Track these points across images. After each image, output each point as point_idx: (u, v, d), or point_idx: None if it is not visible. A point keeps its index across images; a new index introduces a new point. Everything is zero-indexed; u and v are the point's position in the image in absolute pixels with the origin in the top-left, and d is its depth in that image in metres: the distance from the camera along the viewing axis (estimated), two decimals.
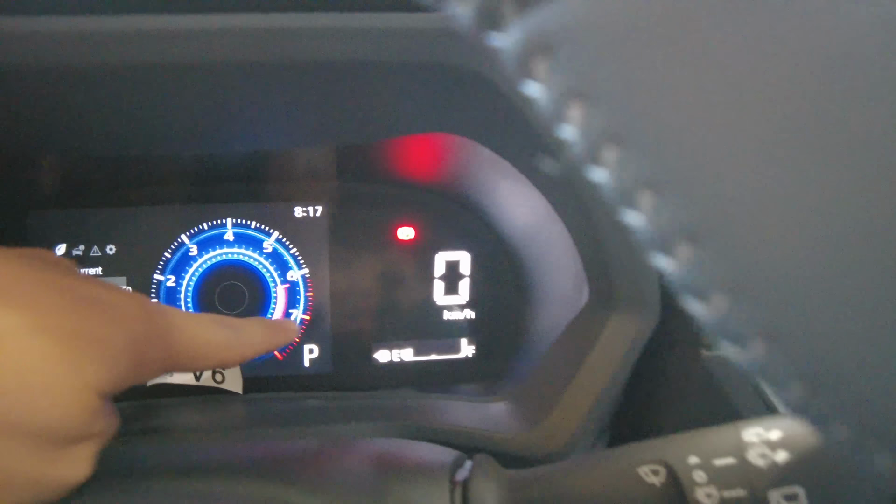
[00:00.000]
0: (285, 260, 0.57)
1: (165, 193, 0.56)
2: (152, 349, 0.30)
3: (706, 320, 0.14)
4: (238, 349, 0.36)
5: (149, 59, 0.34)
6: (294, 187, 0.57)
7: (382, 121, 0.40)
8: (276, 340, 0.41)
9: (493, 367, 0.59)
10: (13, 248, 0.30)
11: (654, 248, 0.14)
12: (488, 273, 0.59)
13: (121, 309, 0.29)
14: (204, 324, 0.34)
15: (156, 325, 0.30)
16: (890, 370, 0.13)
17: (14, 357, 0.24)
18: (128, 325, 0.28)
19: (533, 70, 0.14)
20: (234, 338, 0.36)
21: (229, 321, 0.37)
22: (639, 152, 0.13)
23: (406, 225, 0.58)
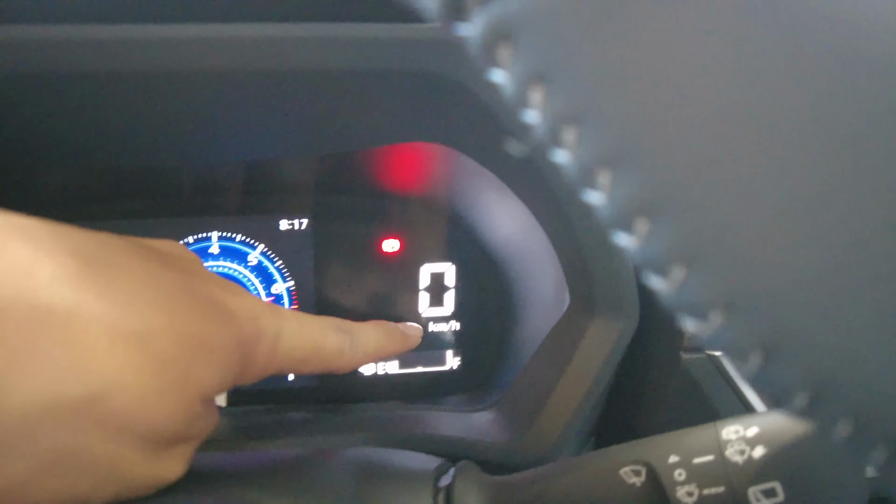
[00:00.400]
0: (270, 273, 0.57)
1: (150, 206, 0.56)
2: (260, 354, 0.30)
3: (666, 294, 0.15)
4: (350, 356, 0.35)
5: (131, 68, 0.34)
6: (279, 200, 0.57)
7: (365, 129, 0.40)
8: (393, 347, 0.40)
9: (479, 377, 0.59)
10: (147, 240, 0.31)
11: (615, 226, 0.15)
12: (473, 284, 0.59)
13: (237, 312, 0.29)
14: (318, 329, 0.33)
15: (267, 330, 0.30)
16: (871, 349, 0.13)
17: (139, 358, 0.24)
18: (241, 329, 0.28)
19: (497, 57, 0.15)
20: (348, 344, 0.35)
21: (347, 325, 0.36)
22: (595, 130, 0.14)
23: (391, 237, 0.58)
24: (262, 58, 0.34)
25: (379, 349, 0.38)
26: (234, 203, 0.57)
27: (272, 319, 0.30)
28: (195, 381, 0.26)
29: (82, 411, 0.22)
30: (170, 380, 0.25)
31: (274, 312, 0.31)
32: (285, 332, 0.31)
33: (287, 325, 0.31)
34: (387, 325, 0.41)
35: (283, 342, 0.31)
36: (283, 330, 0.31)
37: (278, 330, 0.31)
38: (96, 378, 0.22)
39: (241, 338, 0.28)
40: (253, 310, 0.30)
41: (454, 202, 0.57)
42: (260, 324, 0.30)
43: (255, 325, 0.29)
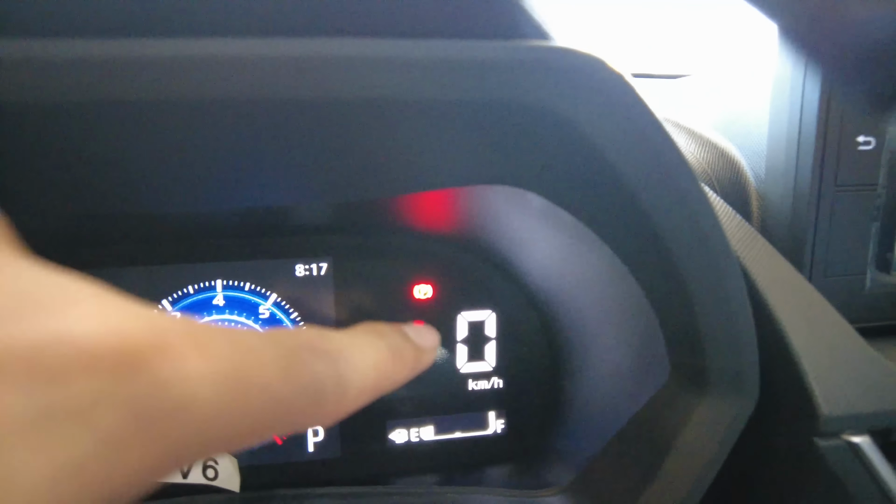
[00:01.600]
0: (285, 326, 0.49)
1: (141, 252, 0.48)
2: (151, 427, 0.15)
3: None
4: (336, 401, 0.21)
5: (116, 95, 0.26)
6: (294, 242, 0.49)
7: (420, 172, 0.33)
8: (402, 370, 0.25)
9: (526, 445, 0.51)
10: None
11: None
12: (517, 335, 0.51)
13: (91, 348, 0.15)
14: (274, 358, 0.19)
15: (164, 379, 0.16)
16: None
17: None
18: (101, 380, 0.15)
19: None
20: (333, 379, 0.20)
21: (326, 340, 0.21)
22: None
23: (423, 282, 0.51)
24: (302, 82, 0.26)
25: (380, 379, 0.23)
26: (241, 246, 0.49)
27: (172, 353, 0.15)
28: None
29: None
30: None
31: (182, 333, 0.16)
32: (200, 374, 0.16)
33: (204, 363, 0.16)
34: (387, 333, 0.26)
35: (200, 400, 0.16)
36: (196, 371, 0.16)
37: (184, 372, 0.15)
38: None
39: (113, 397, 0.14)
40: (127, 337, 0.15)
41: (497, 242, 0.50)
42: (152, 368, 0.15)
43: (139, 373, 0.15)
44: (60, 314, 0.14)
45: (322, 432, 0.49)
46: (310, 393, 0.19)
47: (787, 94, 0.41)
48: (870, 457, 0.31)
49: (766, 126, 0.44)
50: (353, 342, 0.22)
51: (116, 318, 0.15)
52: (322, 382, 0.20)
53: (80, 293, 0.15)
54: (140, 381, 0.14)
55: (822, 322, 0.35)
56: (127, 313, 0.15)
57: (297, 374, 0.19)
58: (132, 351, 0.15)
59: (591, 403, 0.46)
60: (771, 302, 0.35)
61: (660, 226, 0.30)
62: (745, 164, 0.48)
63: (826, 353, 0.33)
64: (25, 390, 0.13)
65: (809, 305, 0.35)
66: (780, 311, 0.34)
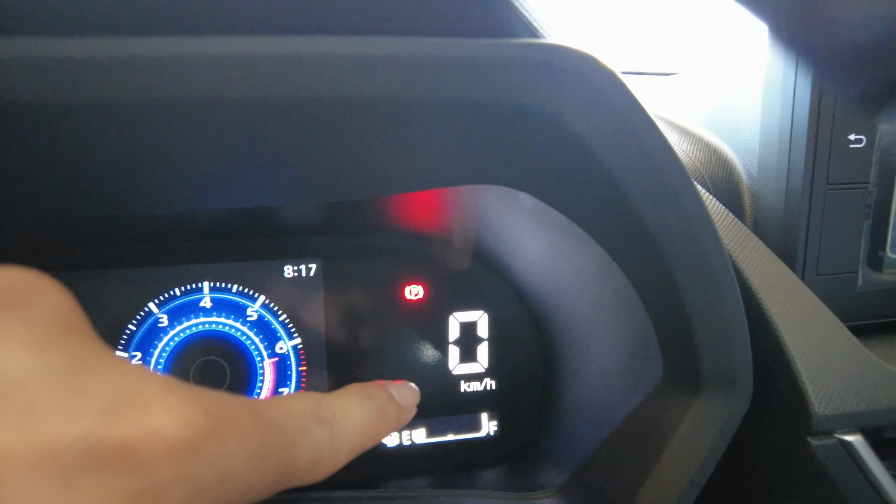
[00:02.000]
0: (273, 329, 0.48)
1: (127, 254, 0.47)
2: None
3: None
4: (329, 461, 0.24)
5: (105, 95, 0.26)
6: (283, 243, 0.49)
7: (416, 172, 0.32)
8: (384, 429, 0.28)
9: (519, 446, 0.50)
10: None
11: None
12: (509, 336, 0.51)
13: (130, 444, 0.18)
14: (288, 431, 0.22)
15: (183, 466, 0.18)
16: None
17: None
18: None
19: None
20: (328, 445, 0.23)
21: (326, 409, 0.24)
22: None
23: (414, 283, 0.50)
24: (295, 81, 0.25)
25: (366, 438, 0.26)
26: (228, 248, 0.48)
27: (197, 444, 0.18)
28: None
29: None
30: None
31: (207, 415, 0.19)
32: (228, 454, 0.19)
33: (239, 444, 0.19)
34: (374, 395, 0.29)
35: (226, 475, 0.19)
36: (224, 451, 0.19)
37: (216, 456, 0.18)
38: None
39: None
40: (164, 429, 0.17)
41: (487, 242, 0.49)
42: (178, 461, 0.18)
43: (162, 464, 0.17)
44: (144, 411, 0.17)
45: None
46: (311, 457, 0.23)
47: (779, 91, 0.41)
48: (862, 455, 0.31)
49: (759, 124, 0.44)
50: (345, 406, 0.26)
51: (182, 410, 0.18)
52: (320, 447, 0.23)
53: (154, 388, 0.18)
54: (200, 461, 0.18)
55: (814, 321, 0.35)
56: (188, 403, 0.18)
57: (304, 444, 0.23)
58: (196, 438, 0.18)
59: (583, 404, 0.46)
60: (764, 301, 0.34)
61: (651, 224, 0.29)
62: (737, 162, 0.47)
63: (819, 353, 0.33)
64: (123, 477, 0.16)
65: (802, 305, 0.35)
66: (773, 311, 0.34)
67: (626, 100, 0.27)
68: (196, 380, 0.47)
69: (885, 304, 0.41)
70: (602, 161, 0.28)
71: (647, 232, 0.30)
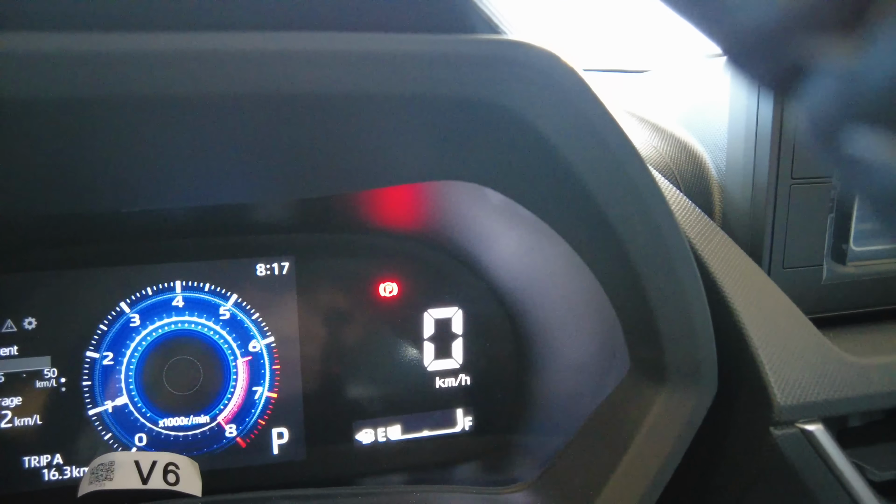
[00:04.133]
0: (246, 328, 0.48)
1: (98, 253, 0.47)
2: None
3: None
4: None
5: (76, 91, 0.26)
6: (255, 240, 0.48)
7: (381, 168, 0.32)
8: None
9: (494, 441, 0.51)
10: None
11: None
12: (484, 332, 0.51)
13: None
14: None
15: None
16: None
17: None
18: None
19: None
20: None
21: None
22: None
23: (388, 280, 0.50)
24: (262, 77, 0.25)
25: None
26: (200, 246, 0.48)
27: None
28: None
29: None
30: None
31: None
32: None
33: None
34: None
35: None
36: None
37: None
38: None
39: None
40: None
41: (461, 238, 0.49)
42: None
43: None
44: None
45: (287, 434, 0.48)
46: None
47: (745, 88, 0.41)
48: (823, 444, 0.32)
49: (727, 120, 0.45)
50: None
51: None
52: None
53: None
54: None
55: (778, 314, 0.35)
56: None
57: None
58: None
59: (555, 398, 0.46)
60: (728, 295, 0.35)
61: (613, 219, 0.30)
62: (707, 158, 0.48)
63: (782, 345, 0.34)
64: None
65: (766, 298, 0.36)
66: (737, 304, 0.35)
67: (586, 95, 0.27)
68: (169, 380, 0.47)
69: (848, 297, 0.42)
70: (563, 156, 0.28)
71: (608, 226, 0.30)
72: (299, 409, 0.48)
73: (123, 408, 0.46)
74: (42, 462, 0.45)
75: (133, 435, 0.46)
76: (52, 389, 0.46)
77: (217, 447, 0.47)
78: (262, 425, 0.48)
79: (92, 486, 0.41)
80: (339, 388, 0.49)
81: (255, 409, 0.48)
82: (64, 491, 0.45)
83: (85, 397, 0.46)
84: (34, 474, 0.45)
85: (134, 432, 0.46)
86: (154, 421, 0.47)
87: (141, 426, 0.47)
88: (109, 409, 0.46)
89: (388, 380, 0.50)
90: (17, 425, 0.45)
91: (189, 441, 0.47)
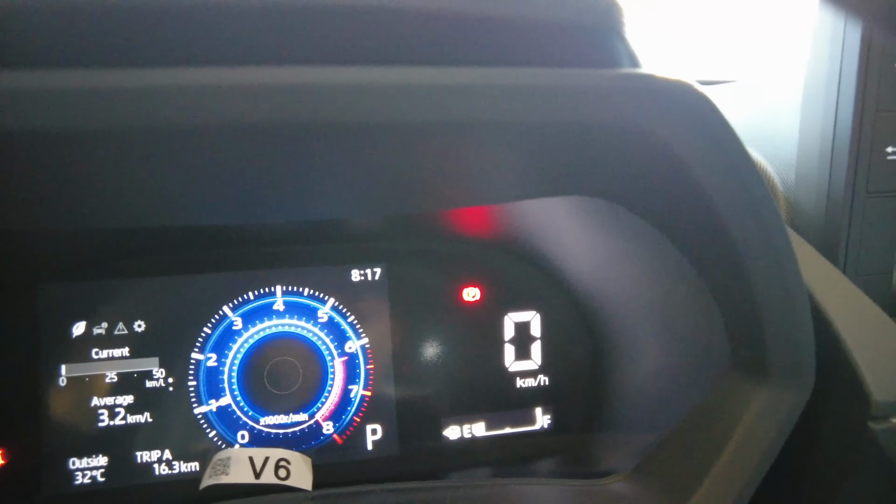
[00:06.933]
0: (342, 329, 0.51)
1: (203, 260, 0.49)
2: None
3: None
4: None
5: (206, 120, 0.28)
6: (349, 248, 0.51)
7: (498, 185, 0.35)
8: None
9: (572, 439, 0.54)
10: None
11: None
12: (561, 335, 0.54)
13: None
14: None
15: None
16: None
17: None
18: None
19: None
20: None
21: None
22: None
23: (471, 285, 0.53)
24: (404, 108, 0.28)
25: None
26: (298, 253, 0.50)
27: None
28: None
29: None
30: None
31: None
32: None
33: None
34: None
35: None
36: None
37: None
38: None
39: None
40: None
41: (541, 247, 0.52)
42: None
43: None
44: None
45: (381, 431, 0.51)
46: None
47: (821, 106, 0.45)
48: None
49: (797, 137, 0.48)
50: None
51: None
52: None
53: None
54: None
55: (864, 315, 0.38)
56: None
57: None
58: None
59: (636, 398, 0.49)
60: (818, 297, 0.38)
61: (732, 229, 0.33)
62: (772, 173, 0.51)
63: (872, 343, 0.37)
64: None
65: (852, 300, 0.39)
66: (827, 306, 0.38)
67: (718, 121, 0.30)
68: (270, 379, 0.49)
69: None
70: (694, 175, 0.31)
71: (726, 235, 0.33)
72: (392, 406, 0.51)
73: (227, 407, 0.49)
74: (153, 457, 0.48)
75: (236, 432, 0.49)
76: (161, 389, 0.48)
77: (315, 443, 0.50)
78: (358, 422, 0.50)
79: (210, 480, 0.44)
80: (428, 387, 0.52)
81: (350, 406, 0.50)
82: (174, 485, 0.48)
83: (191, 396, 0.48)
84: (146, 468, 0.48)
85: (236, 430, 0.49)
86: (255, 419, 0.49)
87: (243, 424, 0.49)
88: (214, 408, 0.49)
89: (472, 379, 0.53)
90: (129, 422, 0.48)
91: (289, 438, 0.50)
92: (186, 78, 0.28)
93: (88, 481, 0.47)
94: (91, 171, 0.32)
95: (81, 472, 0.47)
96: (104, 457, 0.47)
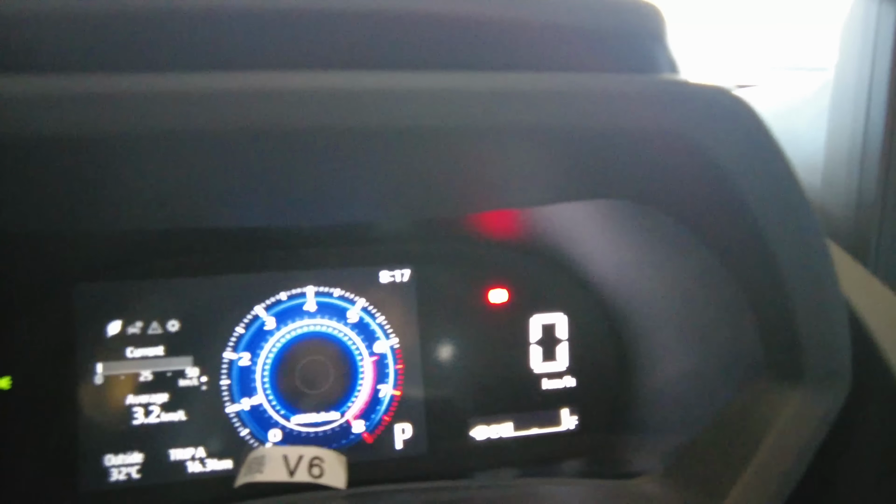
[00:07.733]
0: (372, 330, 0.51)
1: (236, 261, 0.50)
2: None
3: None
4: None
5: (218, 126, 0.28)
6: (378, 250, 0.52)
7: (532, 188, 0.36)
8: None
9: (599, 440, 0.54)
10: None
11: None
12: (587, 337, 0.55)
13: None
14: None
15: None
16: None
17: None
18: None
19: None
20: None
21: None
22: None
23: (498, 286, 0.54)
24: (451, 113, 0.29)
25: None
26: (330, 255, 0.51)
27: None
28: None
29: None
30: None
31: None
32: None
33: None
34: None
35: None
36: None
37: None
38: None
39: None
40: None
41: (567, 250, 0.53)
42: None
43: None
44: None
45: (410, 430, 0.51)
46: None
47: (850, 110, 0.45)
48: None
49: (824, 143, 0.48)
50: None
51: None
52: None
53: None
54: None
55: None
56: None
57: None
58: None
59: (663, 401, 0.49)
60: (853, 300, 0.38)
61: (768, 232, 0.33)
62: None
63: None
64: None
65: (885, 303, 0.39)
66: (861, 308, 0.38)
67: (759, 129, 0.31)
68: (301, 379, 0.50)
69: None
70: (732, 179, 0.32)
71: (763, 240, 0.34)
72: (421, 405, 0.52)
73: (259, 406, 0.50)
74: (187, 455, 0.49)
75: (267, 431, 0.50)
76: (194, 388, 0.49)
77: (345, 442, 0.51)
78: (387, 422, 0.51)
79: (245, 478, 0.45)
80: (456, 387, 0.52)
81: (380, 406, 0.51)
82: (207, 482, 0.49)
83: (223, 395, 0.49)
84: (180, 466, 0.48)
85: (268, 429, 0.50)
86: (287, 418, 0.50)
87: (275, 423, 0.50)
88: (246, 407, 0.49)
89: (499, 380, 0.53)
90: (164, 420, 0.48)
91: (319, 437, 0.50)
92: (224, 83, 0.29)
93: (124, 478, 0.47)
94: (129, 174, 0.33)
95: (117, 469, 0.47)
96: (139, 454, 0.48)
